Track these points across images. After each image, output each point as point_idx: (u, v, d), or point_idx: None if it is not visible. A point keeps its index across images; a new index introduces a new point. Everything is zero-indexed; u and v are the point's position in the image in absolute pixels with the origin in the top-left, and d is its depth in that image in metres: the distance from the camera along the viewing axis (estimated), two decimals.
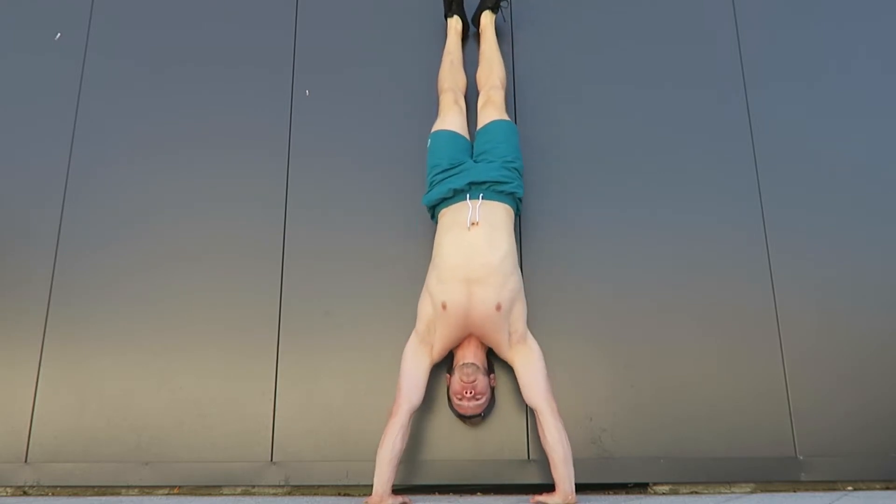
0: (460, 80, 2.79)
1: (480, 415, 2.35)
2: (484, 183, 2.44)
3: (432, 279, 2.36)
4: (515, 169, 2.52)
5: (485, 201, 2.41)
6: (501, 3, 2.90)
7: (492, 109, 2.66)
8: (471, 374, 2.25)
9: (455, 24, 2.89)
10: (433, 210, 2.55)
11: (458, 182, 2.45)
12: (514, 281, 2.34)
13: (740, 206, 2.69)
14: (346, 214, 2.73)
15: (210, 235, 2.74)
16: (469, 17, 2.94)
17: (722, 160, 2.75)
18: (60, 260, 2.75)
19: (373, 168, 2.79)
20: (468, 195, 2.43)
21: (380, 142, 2.82)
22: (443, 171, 2.51)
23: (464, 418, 2.37)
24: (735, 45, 2.90)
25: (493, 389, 2.39)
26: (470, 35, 2.97)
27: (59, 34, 3.07)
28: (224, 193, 2.79)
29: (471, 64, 2.87)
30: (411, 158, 2.76)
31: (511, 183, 2.47)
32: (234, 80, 2.96)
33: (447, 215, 2.45)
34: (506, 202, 2.46)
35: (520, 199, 2.54)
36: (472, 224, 2.36)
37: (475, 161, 2.55)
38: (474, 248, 2.32)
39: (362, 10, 3.03)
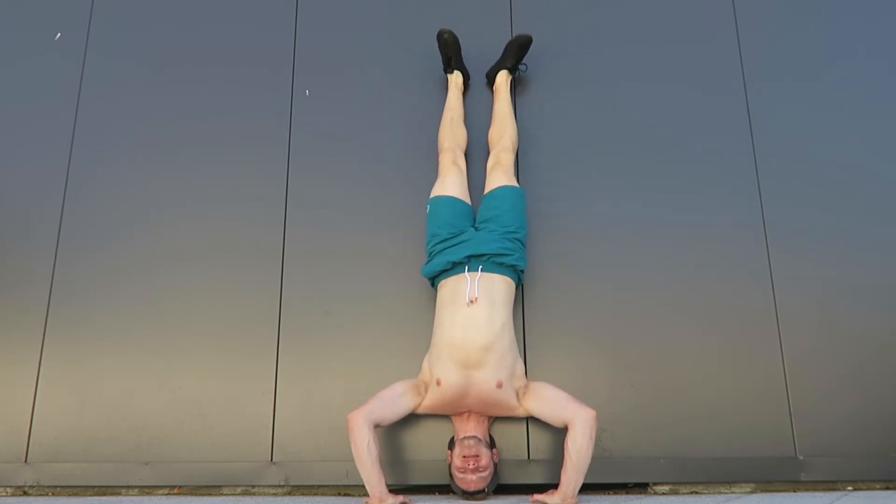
0: (460, 138, 2.71)
1: (484, 489, 2.22)
2: (483, 255, 2.38)
3: (433, 351, 2.33)
4: (518, 240, 2.46)
5: (484, 273, 2.35)
6: (519, 67, 2.83)
7: (500, 173, 2.58)
8: (472, 447, 2.17)
9: (455, 79, 2.81)
10: (433, 280, 2.49)
11: (457, 254, 2.39)
12: (511, 354, 2.30)
13: (740, 205, 2.69)
14: (346, 214, 2.73)
15: (210, 235, 2.74)
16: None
17: (722, 160, 2.75)
18: (60, 260, 2.74)
19: (373, 168, 2.78)
20: (467, 267, 2.37)
21: (380, 142, 2.82)
22: (442, 241, 2.45)
23: (467, 494, 2.23)
24: (735, 45, 2.90)
25: (496, 465, 2.27)
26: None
27: (59, 34, 3.07)
28: (224, 193, 2.79)
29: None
30: (412, 157, 2.76)
31: (512, 255, 2.40)
32: (234, 80, 2.96)
33: (446, 287, 2.39)
34: (506, 274, 2.39)
35: (521, 271, 2.48)
36: (471, 301, 2.30)
37: (477, 229, 2.49)
38: (472, 328, 2.25)
39: (362, 11, 3.03)
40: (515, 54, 2.79)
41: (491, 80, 2.86)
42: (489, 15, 2.96)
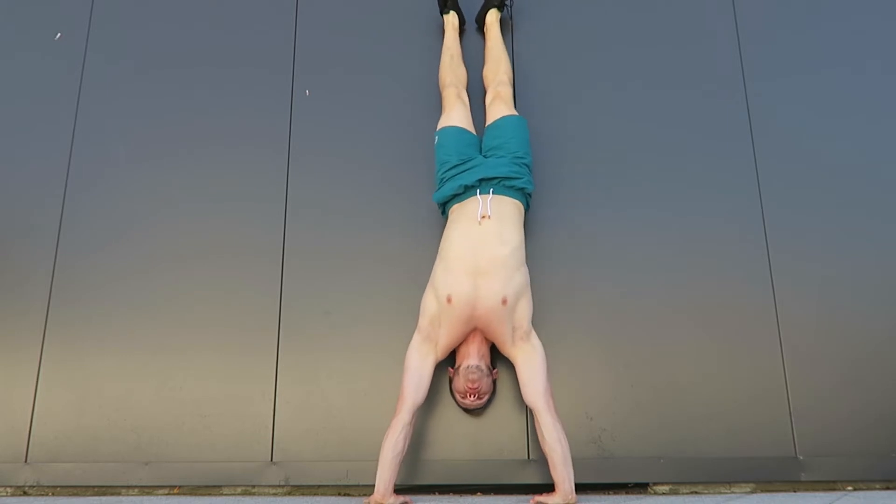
0: (461, 75, 2.80)
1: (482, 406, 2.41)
2: (494, 178, 2.46)
3: (438, 271, 2.37)
4: (525, 164, 2.53)
5: (495, 196, 2.43)
6: (506, 2, 2.89)
7: (501, 105, 2.66)
8: (475, 381, 2.29)
9: (451, 19, 2.89)
10: (443, 206, 2.56)
11: (469, 178, 2.46)
12: (520, 276, 2.36)
13: (740, 206, 2.69)
14: (346, 214, 2.73)
15: (210, 235, 2.74)
16: (468, 15, 2.94)
17: (722, 160, 2.75)
18: (60, 260, 2.74)
19: (373, 167, 2.79)
20: (478, 190, 2.44)
21: (380, 141, 2.82)
22: (452, 168, 2.52)
23: (465, 409, 2.43)
24: (735, 46, 2.90)
25: (494, 382, 2.42)
26: (468, 28, 2.96)
27: (59, 34, 3.07)
28: (224, 193, 2.79)
29: (472, 60, 2.87)
30: (412, 158, 2.76)
31: (521, 178, 2.48)
32: (234, 80, 2.96)
33: (457, 210, 2.47)
34: (516, 197, 2.47)
35: (529, 195, 2.56)
36: (483, 217, 2.37)
37: (485, 156, 2.56)
38: (483, 240, 2.34)
39: (362, 11, 3.03)
40: None
41: (480, 23, 2.92)
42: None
